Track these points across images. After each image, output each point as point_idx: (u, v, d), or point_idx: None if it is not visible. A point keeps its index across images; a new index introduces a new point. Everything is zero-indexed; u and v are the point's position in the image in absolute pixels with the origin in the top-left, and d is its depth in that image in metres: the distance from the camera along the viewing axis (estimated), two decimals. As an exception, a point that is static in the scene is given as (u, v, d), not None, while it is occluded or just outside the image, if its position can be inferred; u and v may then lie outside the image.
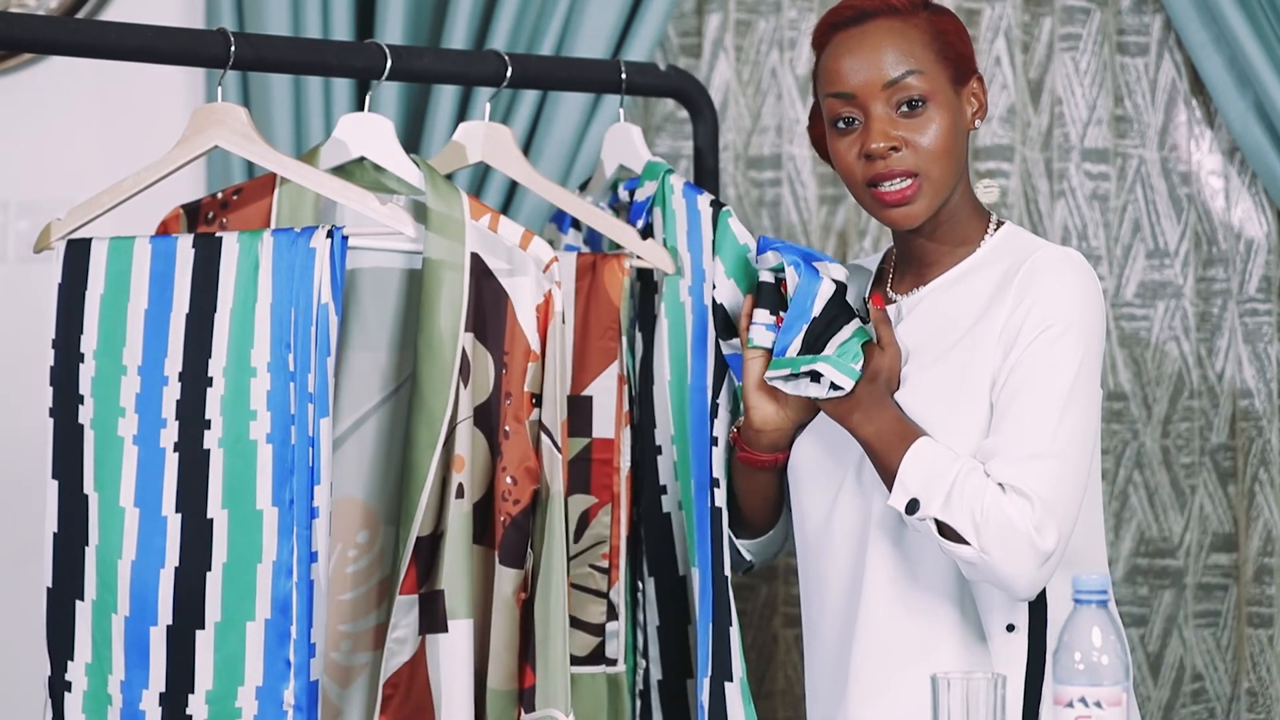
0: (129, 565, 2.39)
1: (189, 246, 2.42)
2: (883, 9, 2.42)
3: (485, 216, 2.50)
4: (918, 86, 2.39)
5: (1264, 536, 3.27)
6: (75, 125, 3.46)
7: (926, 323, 2.45)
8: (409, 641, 2.44)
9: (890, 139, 2.39)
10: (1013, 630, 2.38)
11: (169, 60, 2.54)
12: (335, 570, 2.48)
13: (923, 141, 2.39)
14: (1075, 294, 2.37)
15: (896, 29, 2.41)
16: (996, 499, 2.30)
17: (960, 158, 2.43)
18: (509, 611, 2.46)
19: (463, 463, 2.44)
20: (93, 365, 2.44)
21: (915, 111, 2.39)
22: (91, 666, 2.42)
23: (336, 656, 2.48)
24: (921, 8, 2.43)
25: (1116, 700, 1.92)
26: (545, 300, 2.48)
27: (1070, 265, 2.40)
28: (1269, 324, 3.29)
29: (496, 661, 2.46)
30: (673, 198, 2.72)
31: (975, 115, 2.45)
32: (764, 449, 2.55)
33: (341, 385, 2.49)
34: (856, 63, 2.41)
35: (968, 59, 2.45)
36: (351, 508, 2.50)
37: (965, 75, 2.44)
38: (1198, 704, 3.31)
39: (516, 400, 2.46)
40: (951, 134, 2.40)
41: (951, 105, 2.41)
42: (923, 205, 2.41)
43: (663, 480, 2.72)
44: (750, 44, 3.43)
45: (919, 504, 2.32)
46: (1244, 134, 3.22)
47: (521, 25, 3.29)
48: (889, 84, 2.39)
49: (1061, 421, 2.33)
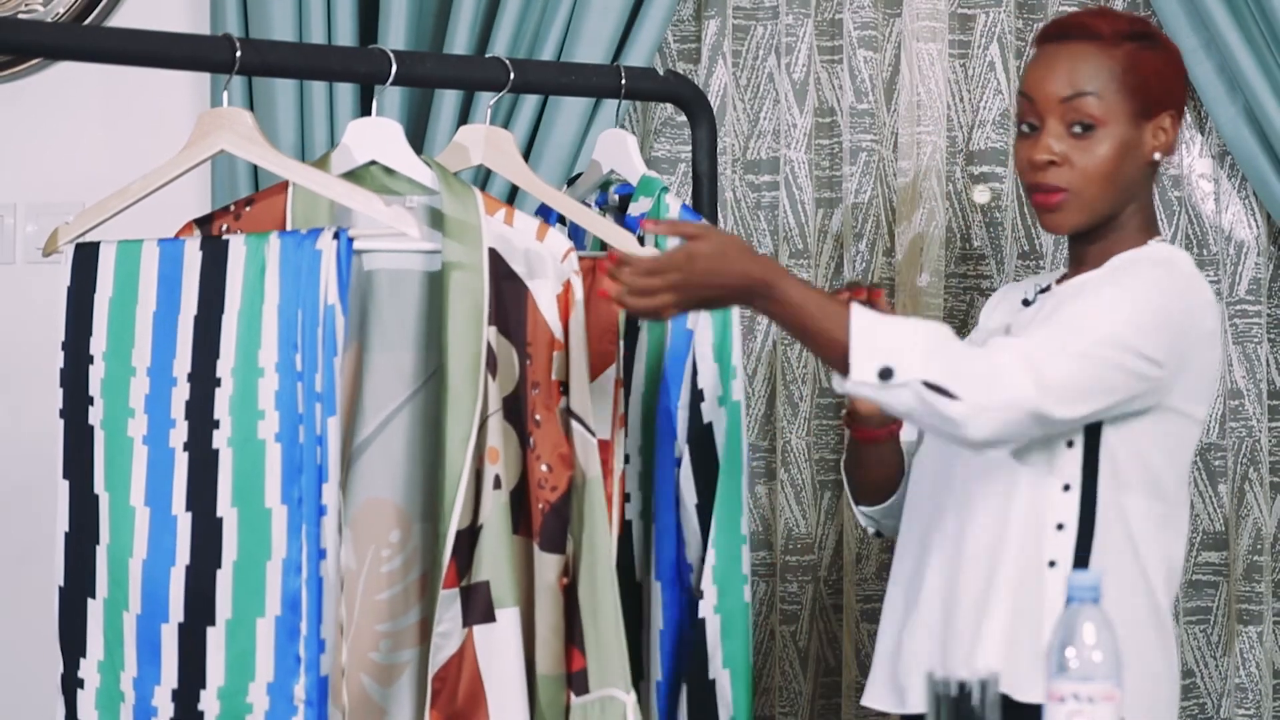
0: (140, 563, 2.41)
1: (196, 249, 2.43)
2: (1086, 33, 2.54)
3: (500, 211, 2.51)
4: (1090, 109, 2.50)
5: (1253, 535, 3.30)
6: (82, 130, 3.47)
7: (1045, 317, 2.53)
8: (454, 635, 2.45)
9: (1052, 153, 2.51)
10: (1062, 529, 2.45)
11: (175, 65, 2.56)
12: (369, 571, 2.50)
13: (1083, 162, 2.51)
14: (1160, 274, 2.46)
15: (1091, 53, 2.52)
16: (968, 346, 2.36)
17: (1125, 185, 2.53)
18: (553, 597, 2.48)
19: (497, 454, 2.45)
20: (102, 367, 2.45)
21: (1085, 133, 2.51)
22: (104, 663, 2.44)
23: (376, 656, 2.49)
24: (1129, 39, 2.53)
25: (1109, 696, 1.94)
26: (565, 289, 2.49)
27: (1166, 254, 2.52)
28: (1259, 325, 3.31)
29: (544, 647, 2.47)
30: (667, 216, 2.76)
31: (1157, 149, 2.54)
32: (878, 424, 2.63)
33: (364, 388, 2.51)
34: (1045, 74, 2.53)
35: (1162, 95, 2.53)
36: (382, 508, 2.51)
37: (1153, 110, 2.53)
38: (1188, 700, 3.33)
39: (545, 389, 2.48)
40: (1116, 161, 2.51)
41: (1125, 135, 2.51)
42: (1069, 218, 2.53)
43: (628, 488, 2.76)
44: (748, 49, 3.45)
45: (892, 370, 2.30)
46: (1234, 138, 3.24)
47: (523, 31, 3.30)
48: (1065, 99, 2.51)
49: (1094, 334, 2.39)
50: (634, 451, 2.75)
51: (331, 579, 2.34)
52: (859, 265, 3.42)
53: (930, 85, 3.35)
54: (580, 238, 2.85)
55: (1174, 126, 2.56)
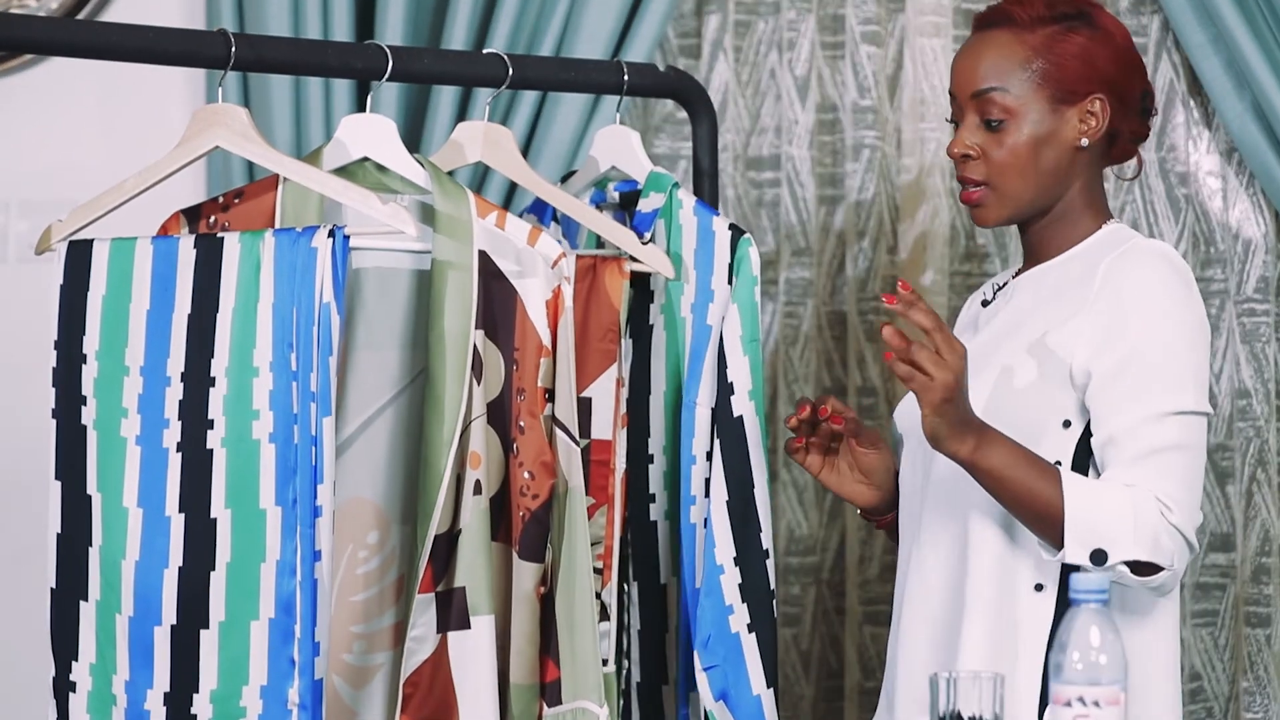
0: (132, 565, 2.39)
1: (190, 247, 2.42)
2: (1002, 20, 2.51)
3: (492, 214, 2.50)
4: (998, 103, 2.48)
5: (1261, 536, 3.28)
6: (76, 126, 3.46)
7: (1012, 309, 2.53)
8: (427, 640, 2.44)
9: (966, 147, 2.50)
10: (1041, 590, 2.41)
11: (170, 61, 2.54)
12: (345, 572, 2.49)
13: (997, 156, 2.49)
14: (1159, 284, 2.43)
15: (1004, 42, 2.49)
16: (1159, 515, 2.36)
17: (1049, 174, 2.49)
18: (529, 606, 2.47)
19: (479, 459, 2.44)
20: (95, 366, 2.44)
21: (998, 126, 2.48)
22: (96, 667, 2.42)
23: (349, 658, 2.48)
24: (1050, 22, 2.49)
25: (1115, 699, 1.92)
26: (555, 295, 2.48)
27: (1157, 252, 2.47)
28: (1267, 324, 3.29)
29: (519, 656, 2.46)
30: (680, 212, 2.73)
31: (1085, 135, 2.49)
32: (883, 514, 2.64)
33: (349, 386, 2.49)
34: (961, 67, 2.53)
35: (1085, 79, 2.48)
36: (361, 508, 2.50)
37: (1074, 96, 2.48)
38: (1195, 703, 3.31)
39: (530, 396, 2.47)
40: (1031, 152, 2.48)
41: (1041, 124, 2.48)
42: (991, 212, 2.51)
43: (652, 489, 2.74)
44: (749, 45, 3.43)
45: (1106, 553, 2.34)
46: (1242, 135, 3.22)
47: (521, 26, 3.29)
48: (975, 95, 2.49)
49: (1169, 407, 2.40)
50: (659, 451, 2.73)
51: (326, 582, 2.33)
52: (861, 263, 3.40)
53: (934, 81, 3.35)
54: (574, 235, 2.83)
55: (1105, 110, 2.50)
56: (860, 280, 3.41)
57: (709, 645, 2.62)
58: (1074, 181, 2.52)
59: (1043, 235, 2.54)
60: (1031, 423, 2.42)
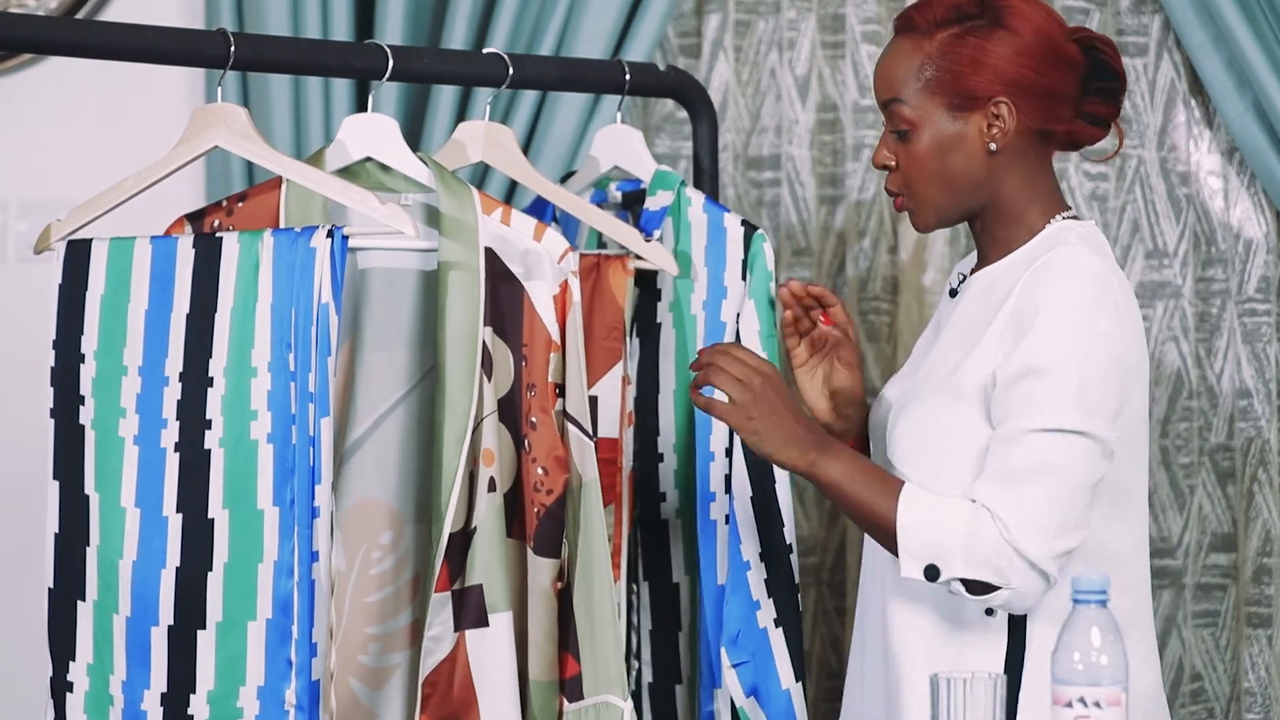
0: (130, 565, 2.39)
1: (189, 247, 2.42)
2: (904, 26, 2.45)
3: (497, 211, 2.50)
4: (900, 115, 2.42)
5: (1263, 536, 3.28)
6: (75, 126, 3.46)
7: (959, 319, 2.47)
8: (445, 639, 2.43)
9: (884, 158, 2.45)
10: (992, 614, 2.38)
11: (169, 60, 2.54)
12: (359, 573, 2.48)
13: (906, 165, 2.44)
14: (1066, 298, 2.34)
15: (904, 51, 2.43)
16: (996, 534, 2.29)
17: (964, 180, 2.42)
18: (547, 602, 2.46)
19: (492, 456, 2.44)
20: (93, 366, 2.44)
21: (905, 137, 2.43)
22: (93, 667, 2.42)
23: (365, 659, 2.48)
24: (947, 25, 2.41)
25: (1115, 700, 1.92)
26: (562, 289, 2.48)
27: (1074, 263, 2.37)
28: (1268, 324, 3.29)
29: (537, 652, 2.46)
30: (689, 210, 2.73)
31: (991, 140, 2.41)
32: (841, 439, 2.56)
33: (357, 387, 2.49)
34: (875, 76, 2.48)
35: (987, 83, 2.39)
36: (373, 509, 2.50)
37: (973, 102, 2.40)
38: (1196, 704, 3.31)
39: (541, 391, 2.46)
40: (936, 161, 2.41)
41: (943, 132, 2.41)
42: (919, 219, 2.46)
43: (663, 488, 2.73)
44: (749, 44, 3.43)
45: (938, 570, 2.31)
46: (1243, 134, 3.22)
47: (521, 25, 3.29)
48: (883, 105, 2.45)
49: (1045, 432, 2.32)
50: (669, 450, 2.73)
51: (323, 582, 2.33)
52: (862, 263, 3.40)
53: (934, 81, 3.33)
54: (574, 234, 2.82)
55: (1011, 112, 2.39)
56: (860, 280, 3.41)
57: (738, 641, 2.62)
58: (1000, 182, 2.43)
59: (985, 236, 2.48)
60: (979, 452, 2.37)
